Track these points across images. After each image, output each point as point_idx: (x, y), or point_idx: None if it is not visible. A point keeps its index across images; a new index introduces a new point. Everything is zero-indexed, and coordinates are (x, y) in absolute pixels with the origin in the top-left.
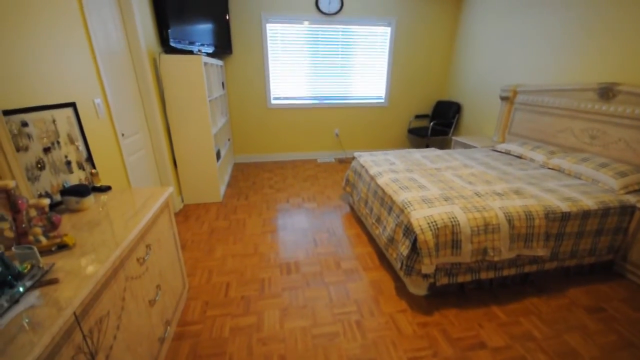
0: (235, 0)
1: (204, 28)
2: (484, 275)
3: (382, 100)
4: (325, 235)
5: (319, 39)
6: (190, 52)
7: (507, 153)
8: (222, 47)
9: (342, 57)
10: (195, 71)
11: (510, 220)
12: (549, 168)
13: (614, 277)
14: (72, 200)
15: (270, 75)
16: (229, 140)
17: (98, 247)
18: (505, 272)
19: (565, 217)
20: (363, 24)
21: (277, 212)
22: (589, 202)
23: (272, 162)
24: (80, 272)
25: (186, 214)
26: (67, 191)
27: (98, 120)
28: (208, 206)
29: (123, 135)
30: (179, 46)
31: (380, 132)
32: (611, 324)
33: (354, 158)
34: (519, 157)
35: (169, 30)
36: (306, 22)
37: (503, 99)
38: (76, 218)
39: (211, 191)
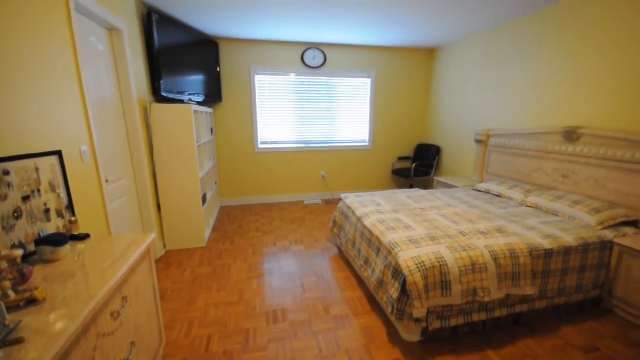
0: (226, 55)
1: (196, 79)
2: (476, 317)
3: (367, 144)
4: (314, 279)
5: (305, 88)
6: (181, 101)
7: (487, 192)
8: (213, 96)
9: (326, 104)
10: (185, 119)
11: (496, 259)
12: (528, 206)
13: (603, 313)
14: (46, 250)
15: (258, 121)
16: (215, 183)
17: (70, 301)
18: (497, 313)
19: (548, 254)
20: (345, 76)
21: (264, 256)
22: (569, 239)
23: (259, 204)
24: (48, 330)
25: (167, 261)
26: (42, 241)
27: (83, 165)
28: (192, 252)
29: (107, 181)
30: (171, 96)
31: (365, 174)
32: None
33: (340, 199)
34: (498, 195)
35: (161, 82)
36: (292, 74)
37: (478, 142)
38: (50, 269)
39: (195, 236)
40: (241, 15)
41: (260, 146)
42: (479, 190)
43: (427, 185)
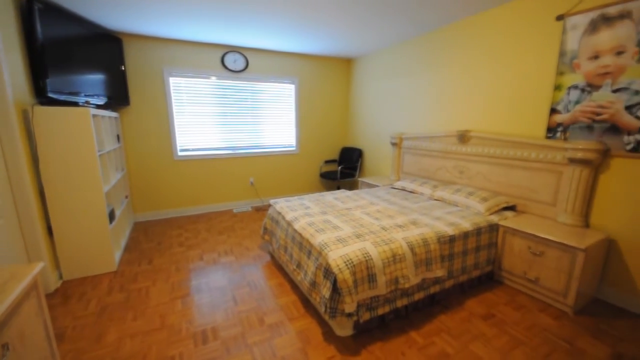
0: (133, 53)
1: (94, 79)
2: (399, 303)
3: (294, 148)
4: (246, 290)
5: (228, 93)
6: (75, 104)
7: (403, 189)
8: (117, 98)
9: (252, 109)
10: (82, 124)
11: (412, 249)
12: (435, 199)
13: (496, 284)
14: None
15: (176, 126)
16: (126, 197)
17: None
18: (416, 297)
19: (452, 239)
20: (269, 81)
21: (190, 272)
22: (466, 225)
23: (182, 217)
24: None
25: (66, 294)
26: None
27: None
28: (98, 279)
29: None
30: (61, 97)
31: (294, 178)
32: (502, 327)
33: (270, 205)
34: (412, 192)
35: (47, 80)
36: (213, 77)
37: (393, 144)
38: None
39: (102, 260)
40: (147, 11)
41: (180, 153)
42: (397, 188)
43: (352, 186)
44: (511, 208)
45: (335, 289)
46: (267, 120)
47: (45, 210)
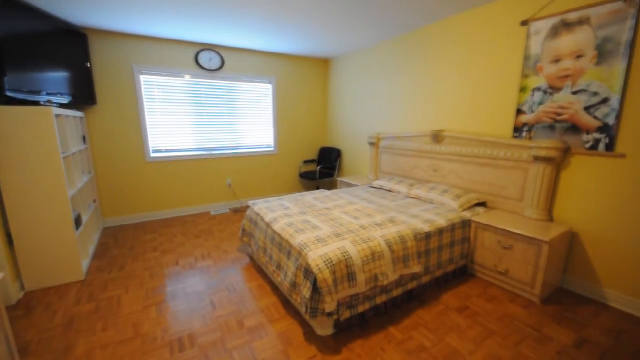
0: (99, 49)
1: (57, 76)
2: (379, 300)
3: (272, 148)
4: (225, 294)
5: (204, 92)
6: (36, 103)
7: (381, 188)
8: (83, 97)
9: (228, 109)
10: (43, 124)
11: (390, 246)
12: (411, 197)
13: (469, 277)
14: None
15: (148, 126)
16: (94, 201)
17: None
18: (395, 293)
19: (427, 235)
20: (245, 80)
21: (164, 278)
22: (441, 221)
23: (156, 220)
24: None
25: (28, 305)
26: None
27: None
28: (64, 288)
29: None
30: (20, 96)
31: (272, 178)
32: (476, 318)
33: (248, 207)
34: (390, 190)
35: (5, 78)
36: (187, 76)
37: (371, 144)
38: None
39: (68, 268)
40: (114, 6)
41: (153, 154)
42: (375, 187)
43: (331, 186)
44: (482, 204)
45: (315, 288)
46: (244, 120)
47: (4, 217)
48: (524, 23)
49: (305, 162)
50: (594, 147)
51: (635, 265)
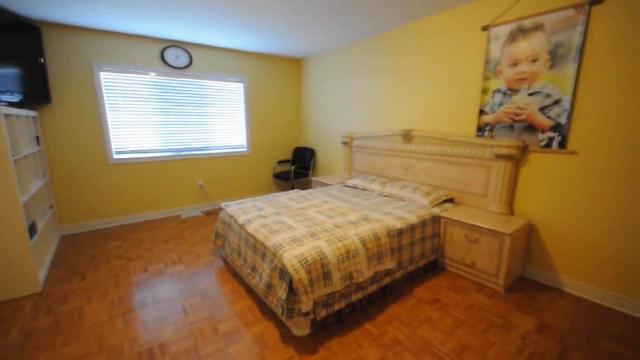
0: (54, 44)
1: (6, 73)
2: (354, 297)
3: (245, 149)
4: (197, 300)
5: (171, 91)
6: None
7: (355, 187)
8: (35, 95)
9: (198, 108)
10: None
11: (364, 244)
12: (384, 195)
13: (440, 270)
14: None
15: (110, 126)
16: (51, 207)
17: None
18: (370, 289)
19: (400, 232)
20: (215, 79)
21: (132, 286)
22: (412, 218)
23: (121, 226)
24: None
25: None
26: None
27: None
28: (18, 302)
29: None
30: None
31: (246, 179)
32: (446, 309)
33: (221, 209)
34: (364, 189)
35: None
36: (152, 74)
37: (344, 143)
38: None
39: (23, 280)
40: None
41: (116, 156)
42: (349, 186)
43: (306, 186)
44: (450, 200)
45: (291, 289)
46: (215, 120)
47: None
48: (485, 28)
49: (280, 162)
50: (548, 145)
51: (585, 253)
